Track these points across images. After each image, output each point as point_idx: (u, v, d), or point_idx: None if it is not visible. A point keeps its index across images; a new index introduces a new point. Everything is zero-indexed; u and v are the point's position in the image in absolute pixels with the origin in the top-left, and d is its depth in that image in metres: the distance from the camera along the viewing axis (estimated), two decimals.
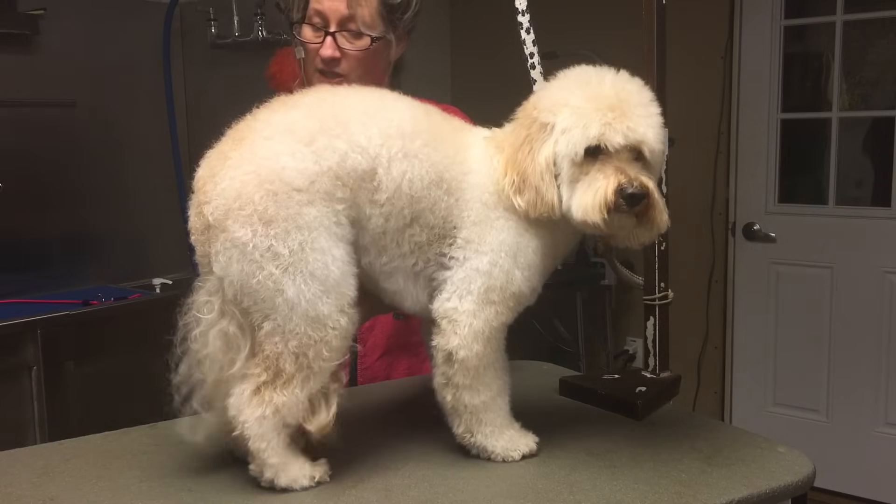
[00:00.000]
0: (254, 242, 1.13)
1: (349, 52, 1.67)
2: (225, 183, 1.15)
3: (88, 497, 1.20)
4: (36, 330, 2.68)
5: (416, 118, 1.25)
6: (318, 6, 1.66)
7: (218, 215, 1.15)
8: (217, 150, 1.21)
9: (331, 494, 1.19)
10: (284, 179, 1.14)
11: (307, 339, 1.16)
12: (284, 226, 1.13)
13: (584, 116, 1.19)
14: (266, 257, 1.13)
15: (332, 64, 1.67)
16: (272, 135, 1.18)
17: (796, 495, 1.28)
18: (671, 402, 1.60)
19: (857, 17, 3.51)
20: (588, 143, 1.19)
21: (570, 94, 1.22)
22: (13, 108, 3.08)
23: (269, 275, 1.13)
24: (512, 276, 1.25)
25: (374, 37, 1.66)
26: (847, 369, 3.59)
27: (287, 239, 1.13)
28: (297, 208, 1.14)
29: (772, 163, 3.68)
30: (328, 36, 1.65)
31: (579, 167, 1.20)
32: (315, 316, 1.15)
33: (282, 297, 1.14)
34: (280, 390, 1.17)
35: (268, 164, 1.15)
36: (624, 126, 1.18)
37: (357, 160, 1.18)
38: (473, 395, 1.27)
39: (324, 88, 1.31)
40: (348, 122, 1.20)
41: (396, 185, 1.20)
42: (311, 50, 1.70)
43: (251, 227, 1.13)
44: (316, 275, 1.14)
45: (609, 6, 3.68)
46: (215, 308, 1.19)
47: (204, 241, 1.19)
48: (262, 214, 1.13)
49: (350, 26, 1.65)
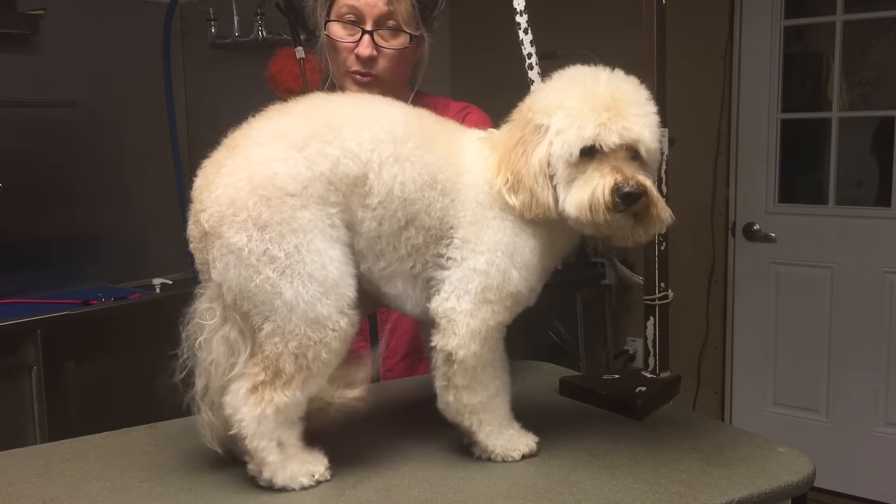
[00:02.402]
0: (249, 247, 1.14)
1: (387, 50, 1.62)
2: (219, 190, 1.16)
3: (88, 497, 1.20)
4: (36, 330, 2.68)
5: (407, 122, 1.26)
6: (353, 2, 1.60)
7: (213, 222, 1.16)
8: (213, 159, 1.22)
9: (331, 494, 1.19)
10: (277, 184, 1.15)
11: (307, 339, 1.16)
12: (279, 229, 1.14)
13: (580, 117, 1.19)
14: (262, 261, 1.14)
15: (370, 64, 1.62)
16: (265, 141, 1.19)
17: (796, 495, 1.28)
18: (671, 402, 1.60)
19: (857, 17, 3.51)
20: (583, 144, 1.19)
21: (564, 96, 1.23)
22: (13, 108, 3.08)
23: (267, 278, 1.14)
24: (509, 275, 1.25)
25: (413, 34, 1.62)
26: (847, 369, 3.59)
27: (282, 242, 1.14)
28: (290, 212, 1.14)
29: (772, 163, 3.68)
30: (365, 34, 1.60)
31: (575, 167, 1.20)
32: (314, 317, 1.16)
33: (280, 299, 1.15)
34: (280, 390, 1.17)
35: (260, 170, 1.16)
36: (619, 126, 1.19)
37: (349, 166, 1.19)
38: (472, 394, 1.27)
39: (318, 95, 1.31)
40: (340, 128, 1.20)
41: (388, 189, 1.21)
42: (343, 49, 1.63)
43: (246, 232, 1.14)
44: (314, 276, 1.15)
45: (609, 6, 3.68)
46: (217, 314, 1.20)
47: (202, 249, 1.20)
48: (256, 219, 1.14)
49: (388, 24, 1.60)
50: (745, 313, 3.81)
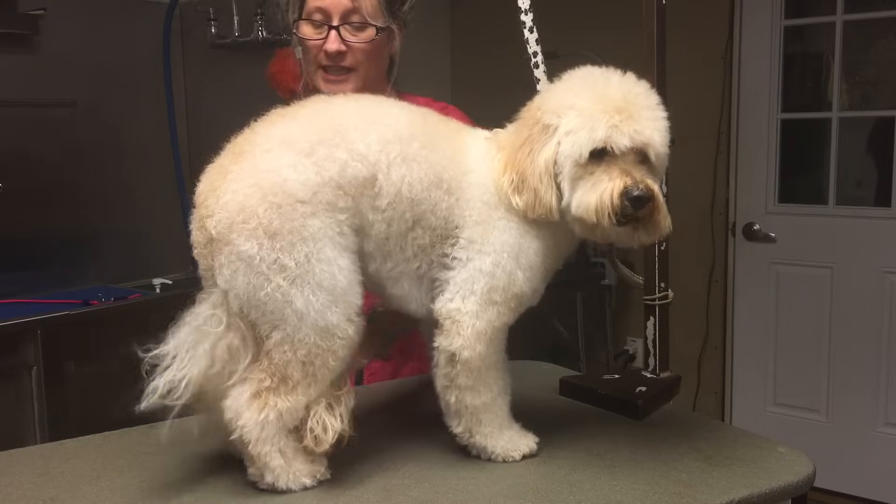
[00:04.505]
0: (260, 255, 1.13)
1: (354, 44, 1.64)
2: (227, 196, 1.15)
3: (88, 497, 1.20)
4: (36, 330, 2.68)
5: (412, 122, 1.25)
6: (319, 2, 1.63)
7: (221, 229, 1.15)
8: (217, 165, 1.21)
9: (331, 494, 1.19)
10: (287, 191, 1.14)
11: (316, 348, 1.16)
12: (290, 238, 1.13)
13: (591, 118, 1.19)
14: (273, 269, 1.13)
15: (338, 58, 1.64)
16: (272, 147, 1.18)
17: (796, 495, 1.28)
18: (671, 402, 1.60)
19: (857, 17, 3.51)
20: (594, 146, 1.18)
21: (575, 97, 1.22)
22: (13, 108, 3.08)
23: (277, 287, 1.13)
24: (514, 276, 1.25)
25: (379, 27, 1.63)
26: (847, 369, 3.58)
27: (293, 251, 1.13)
28: (301, 220, 1.14)
29: (772, 163, 3.68)
30: (332, 30, 1.62)
31: (583, 169, 1.20)
32: (324, 326, 1.15)
33: (291, 308, 1.14)
34: (285, 396, 1.17)
35: (270, 177, 1.15)
36: (631, 129, 1.18)
37: (357, 168, 1.18)
38: (475, 395, 1.27)
39: (320, 99, 1.31)
40: (346, 130, 1.20)
41: (397, 190, 1.20)
42: (312, 47, 1.66)
43: (256, 240, 1.13)
44: (323, 285, 1.15)
45: (609, 6, 3.68)
46: (223, 321, 1.19)
47: (207, 255, 1.19)
48: (266, 227, 1.13)
49: (354, 18, 1.62)
50: (745, 313, 3.81)
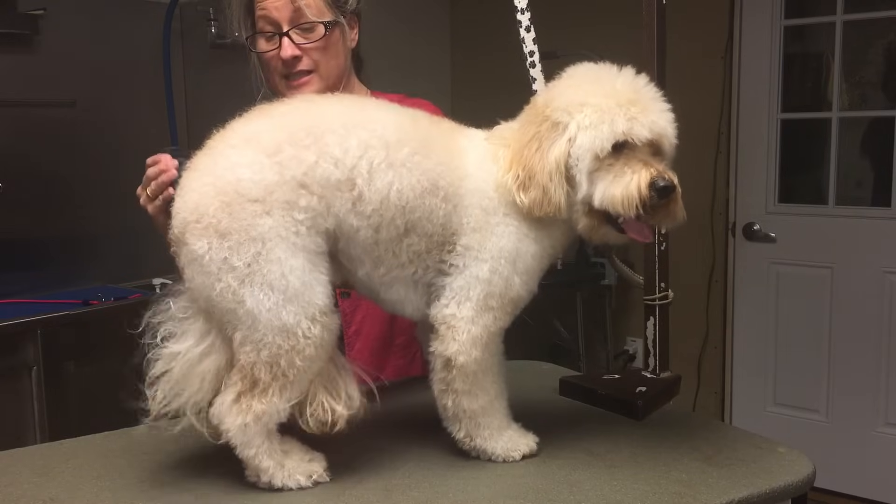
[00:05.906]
0: (209, 255, 1.13)
1: (307, 46, 1.64)
2: (187, 195, 1.16)
3: (88, 497, 1.20)
4: (36, 330, 2.67)
5: (400, 126, 1.23)
6: (264, 13, 1.64)
7: (179, 228, 1.16)
8: (193, 162, 1.21)
9: (331, 494, 1.19)
10: (239, 191, 1.13)
11: (277, 348, 1.15)
12: (238, 237, 1.12)
13: (609, 112, 1.19)
14: (223, 269, 1.13)
15: (295, 63, 1.65)
16: (236, 144, 1.18)
17: (796, 495, 1.28)
18: (671, 402, 1.60)
19: (857, 17, 3.51)
20: (616, 139, 1.18)
21: (585, 93, 1.22)
22: (13, 108, 3.07)
23: (227, 286, 1.13)
24: (511, 282, 1.24)
25: (327, 23, 1.64)
26: (847, 369, 3.58)
27: (240, 250, 1.12)
28: (250, 219, 1.13)
29: (772, 163, 3.68)
30: (282, 38, 1.63)
31: (602, 162, 1.20)
32: (281, 326, 1.14)
33: (242, 308, 1.14)
34: (258, 398, 1.17)
35: (225, 176, 1.14)
36: (648, 120, 1.19)
37: (328, 170, 1.17)
38: (472, 399, 1.27)
39: (304, 98, 1.31)
40: (323, 133, 1.18)
41: (383, 196, 1.19)
42: (270, 59, 1.67)
43: (207, 239, 1.13)
44: (274, 285, 1.13)
45: (609, 6, 3.68)
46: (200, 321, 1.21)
47: (176, 254, 1.19)
48: (216, 227, 1.13)
49: (300, 21, 1.63)
50: (745, 313, 3.81)
